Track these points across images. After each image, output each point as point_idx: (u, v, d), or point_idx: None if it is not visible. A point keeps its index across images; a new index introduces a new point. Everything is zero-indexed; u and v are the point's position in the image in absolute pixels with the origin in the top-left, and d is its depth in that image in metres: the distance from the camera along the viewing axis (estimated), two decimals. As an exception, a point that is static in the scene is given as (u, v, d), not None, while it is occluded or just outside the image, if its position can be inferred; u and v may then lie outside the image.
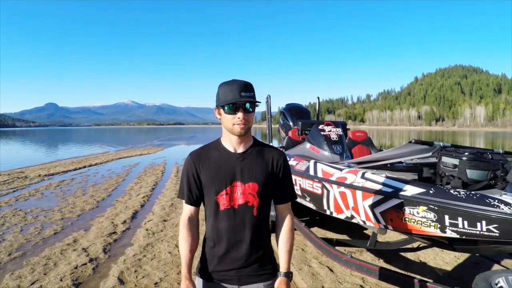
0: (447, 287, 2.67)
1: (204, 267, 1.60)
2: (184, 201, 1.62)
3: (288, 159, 1.83)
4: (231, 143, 1.59)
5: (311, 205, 3.99)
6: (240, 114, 1.48)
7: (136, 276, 3.79)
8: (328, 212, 3.66)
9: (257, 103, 1.55)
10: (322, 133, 4.80)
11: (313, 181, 3.76)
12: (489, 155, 3.29)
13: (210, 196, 1.56)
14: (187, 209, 1.62)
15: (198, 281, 1.61)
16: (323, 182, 3.60)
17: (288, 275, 1.56)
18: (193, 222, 1.62)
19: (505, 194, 2.36)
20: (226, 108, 1.50)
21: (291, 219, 1.67)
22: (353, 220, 3.34)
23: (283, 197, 1.68)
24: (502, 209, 2.21)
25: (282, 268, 1.58)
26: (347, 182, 3.26)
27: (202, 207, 1.65)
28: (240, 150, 1.59)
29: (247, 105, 1.49)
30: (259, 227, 1.58)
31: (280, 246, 1.63)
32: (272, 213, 1.73)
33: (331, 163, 3.91)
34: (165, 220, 6.01)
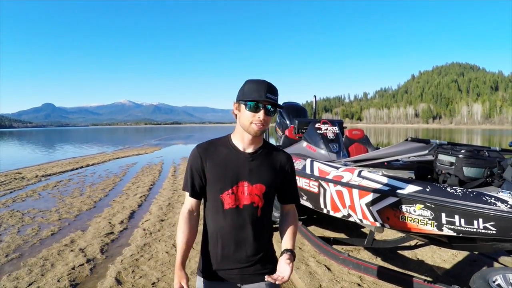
0: (445, 285, 2.67)
1: (206, 266, 1.59)
2: (187, 194, 1.60)
3: None
4: (242, 142, 1.56)
5: (308, 204, 3.99)
6: (261, 114, 1.46)
7: (134, 276, 3.78)
8: (325, 211, 3.66)
9: (279, 108, 1.54)
10: (318, 131, 4.79)
11: (310, 180, 3.76)
12: (486, 153, 3.30)
13: (214, 193, 1.55)
14: (189, 202, 1.60)
15: (200, 280, 1.60)
16: (320, 181, 3.60)
17: (292, 252, 1.53)
18: (194, 215, 1.60)
19: (502, 191, 2.36)
20: (248, 105, 1.47)
21: (295, 212, 1.74)
22: (350, 219, 3.34)
23: (290, 199, 1.72)
24: (499, 206, 2.22)
25: (287, 246, 1.56)
26: (344, 180, 3.26)
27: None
28: (250, 150, 1.57)
29: (270, 106, 1.48)
30: (262, 227, 1.59)
31: (286, 229, 1.63)
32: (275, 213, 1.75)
33: (328, 161, 3.91)
34: (162, 220, 5.99)
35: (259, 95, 1.44)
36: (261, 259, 1.59)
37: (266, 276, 1.38)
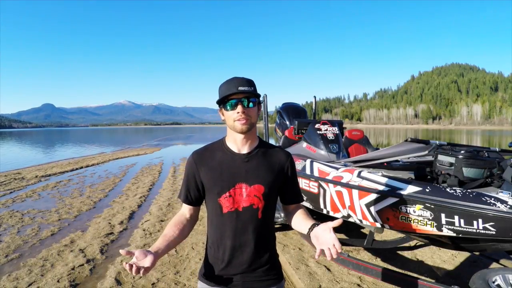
0: (445, 285, 2.67)
1: (208, 271, 1.57)
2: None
3: None
4: (235, 143, 1.53)
5: (307, 205, 4.00)
6: (239, 108, 1.43)
7: (133, 277, 3.78)
8: (324, 211, 3.66)
9: (259, 99, 1.50)
10: (318, 132, 4.79)
11: (310, 180, 3.76)
12: (486, 153, 3.31)
13: (212, 198, 1.52)
14: (183, 208, 1.62)
15: (201, 286, 1.58)
16: (320, 181, 3.60)
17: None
18: (184, 218, 1.59)
19: (502, 192, 2.36)
20: (226, 105, 1.46)
21: (302, 206, 1.68)
22: (350, 219, 3.34)
23: (293, 198, 1.66)
24: (499, 207, 2.22)
25: (311, 222, 1.48)
26: (344, 181, 3.26)
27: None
28: (245, 150, 1.54)
29: (245, 99, 1.45)
30: (263, 231, 1.55)
31: (299, 215, 1.58)
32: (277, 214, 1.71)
33: (328, 162, 3.91)
34: (162, 220, 5.99)
35: (231, 91, 1.43)
36: (264, 265, 1.55)
37: (316, 256, 1.30)
